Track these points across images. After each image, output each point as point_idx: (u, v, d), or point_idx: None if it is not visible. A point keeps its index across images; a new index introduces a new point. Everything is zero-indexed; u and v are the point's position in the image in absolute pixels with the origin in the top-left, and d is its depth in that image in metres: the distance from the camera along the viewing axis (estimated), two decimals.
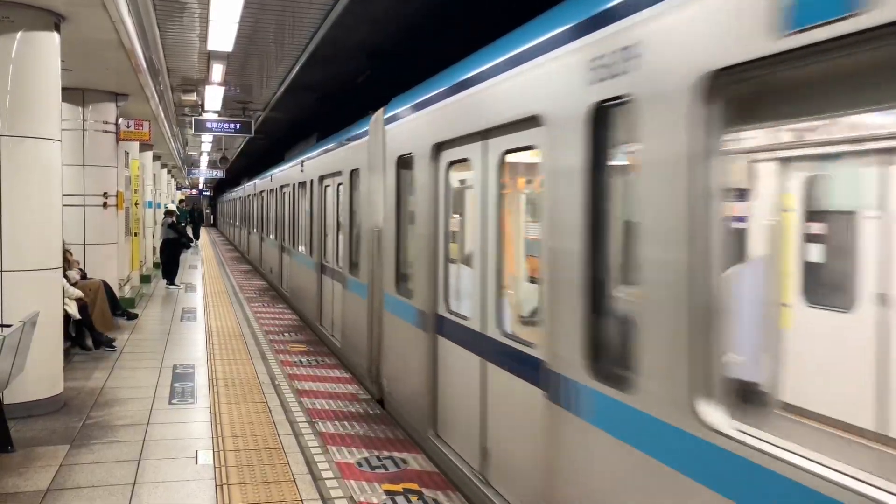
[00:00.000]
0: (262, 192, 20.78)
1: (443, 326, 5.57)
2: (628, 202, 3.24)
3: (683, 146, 2.64)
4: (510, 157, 4.51)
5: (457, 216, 5.64)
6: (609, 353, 3.31)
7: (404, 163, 6.42)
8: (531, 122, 3.91)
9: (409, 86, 6.65)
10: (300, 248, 13.24)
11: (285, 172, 15.58)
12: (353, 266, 8.50)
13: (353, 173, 8.57)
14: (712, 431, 2.51)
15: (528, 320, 4.55)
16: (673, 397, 2.71)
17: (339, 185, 9.49)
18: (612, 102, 3.15)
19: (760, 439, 2.37)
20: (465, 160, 5.10)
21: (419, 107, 6.01)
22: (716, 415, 2.55)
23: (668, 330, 2.75)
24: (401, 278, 6.59)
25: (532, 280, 4.56)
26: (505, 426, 4.49)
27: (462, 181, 5.55)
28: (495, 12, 6.28)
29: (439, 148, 5.51)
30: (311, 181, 11.69)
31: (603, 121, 3.25)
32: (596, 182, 3.30)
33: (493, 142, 4.59)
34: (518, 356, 4.26)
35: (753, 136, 3.83)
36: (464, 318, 5.15)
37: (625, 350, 3.12)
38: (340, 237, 9.54)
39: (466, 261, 5.32)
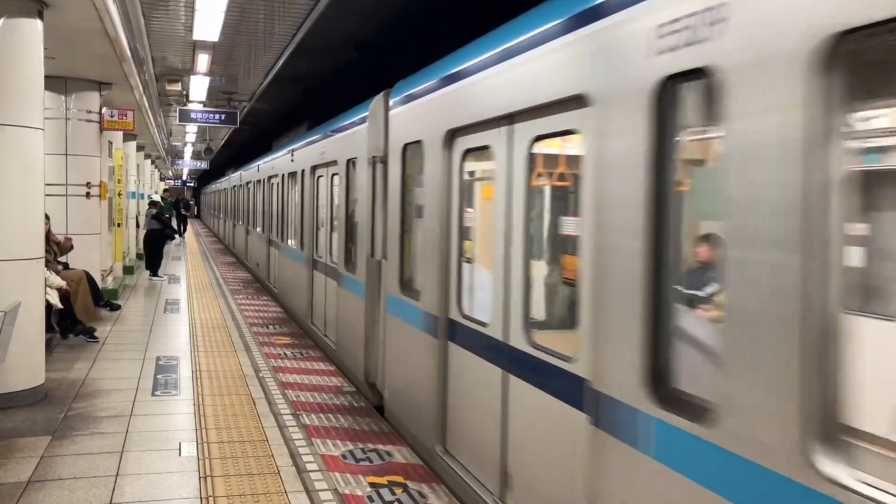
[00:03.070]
0: (247, 182, 20.01)
1: (455, 332, 5.05)
2: (706, 196, 2.86)
3: (796, 128, 2.13)
4: (541, 144, 4.03)
5: (472, 210, 5.14)
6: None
7: (411, 151, 5.94)
8: (573, 102, 3.42)
9: (398, 76, 6.61)
10: (290, 243, 12.60)
11: (273, 162, 14.81)
12: (350, 263, 8.07)
13: (350, 163, 8.03)
14: (830, 483, 2.01)
15: (559, 328, 4.26)
16: (775, 435, 2.20)
17: (334, 175, 9.01)
18: (686, 76, 2.66)
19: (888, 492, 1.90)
20: (484, 148, 4.63)
21: (431, 89, 5.49)
22: (833, 464, 2.04)
23: (767, 354, 2.24)
24: (405, 278, 6.10)
25: (567, 282, 4.06)
26: (532, 449, 3.95)
27: (478, 172, 5.15)
28: (484, 3, 6.27)
29: (453, 134, 5.04)
30: (303, 171, 11.04)
31: (672, 99, 2.76)
32: (662, 172, 2.79)
33: (521, 126, 4.09)
34: (550, 370, 3.73)
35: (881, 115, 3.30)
36: (482, 324, 4.59)
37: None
38: (335, 231, 9.05)
39: (485, 260, 4.77)
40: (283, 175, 13.31)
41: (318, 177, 10.16)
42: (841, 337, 2.08)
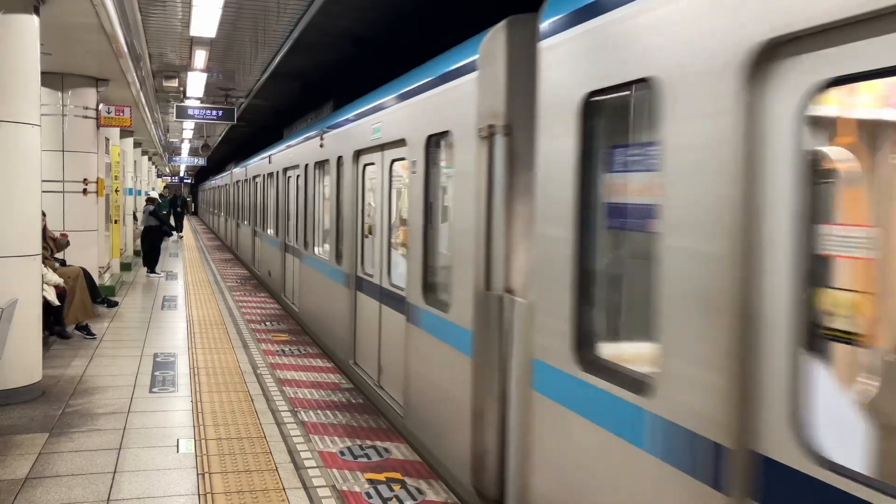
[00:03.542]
0: (255, 177, 17.68)
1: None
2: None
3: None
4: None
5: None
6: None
7: (601, 109, 3.42)
8: None
9: (397, 73, 6.56)
10: (319, 252, 10.16)
11: (289, 152, 12.56)
12: (432, 291, 5.53)
13: (433, 141, 5.48)
14: None
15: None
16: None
17: (396, 162, 6.55)
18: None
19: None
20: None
21: None
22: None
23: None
24: (589, 334, 3.49)
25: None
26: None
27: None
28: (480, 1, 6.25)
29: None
30: (339, 159, 8.51)
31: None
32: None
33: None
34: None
35: None
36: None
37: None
38: (401, 242, 6.67)
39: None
40: (305, 165, 10.88)
41: (366, 165, 7.64)
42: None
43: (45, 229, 8.50)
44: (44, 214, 7.99)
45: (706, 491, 2.54)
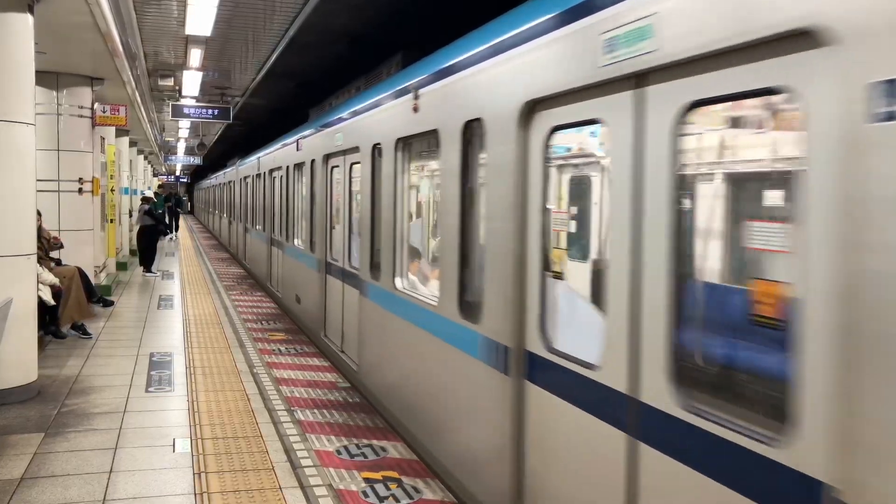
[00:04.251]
0: (260, 173, 15.78)
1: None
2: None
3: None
4: None
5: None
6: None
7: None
8: None
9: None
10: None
11: (302, 144, 10.69)
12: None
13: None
14: None
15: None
16: None
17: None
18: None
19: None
20: None
21: None
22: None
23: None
24: None
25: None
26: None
27: None
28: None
29: None
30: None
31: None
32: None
33: None
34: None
35: None
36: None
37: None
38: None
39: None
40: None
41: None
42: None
43: (40, 229, 8.47)
44: (39, 214, 7.97)
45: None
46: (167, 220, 25.36)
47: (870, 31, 2.04)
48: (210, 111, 16.53)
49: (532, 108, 3.89)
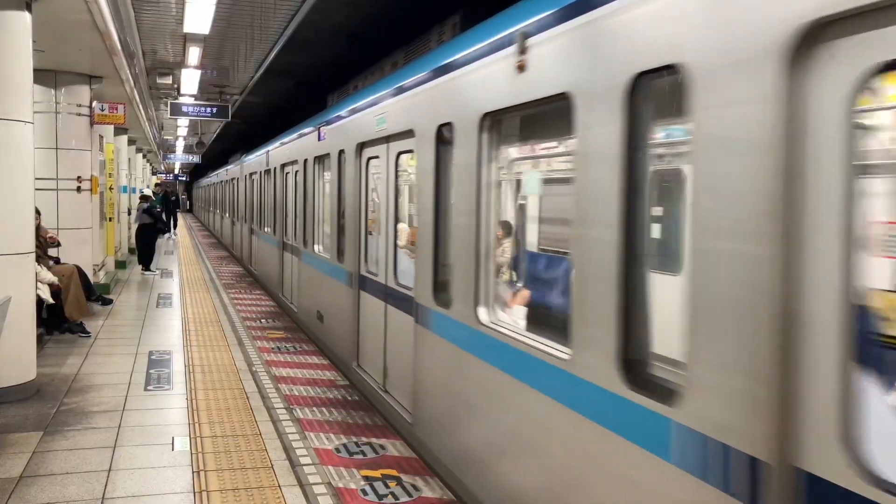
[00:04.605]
0: (269, 169, 13.97)
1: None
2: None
3: None
4: None
5: None
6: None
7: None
8: None
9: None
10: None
11: (325, 132, 9.00)
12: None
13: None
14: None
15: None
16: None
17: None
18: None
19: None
20: None
21: None
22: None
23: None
24: None
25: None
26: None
27: None
28: None
29: None
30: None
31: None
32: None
33: None
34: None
35: None
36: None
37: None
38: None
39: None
40: (351, 150, 7.62)
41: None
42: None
43: (38, 227, 8.47)
44: (38, 212, 7.96)
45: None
46: (165, 219, 25.31)
47: None
48: (208, 109, 16.50)
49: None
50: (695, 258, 2.55)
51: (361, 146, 7.33)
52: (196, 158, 38.42)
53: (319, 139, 9.30)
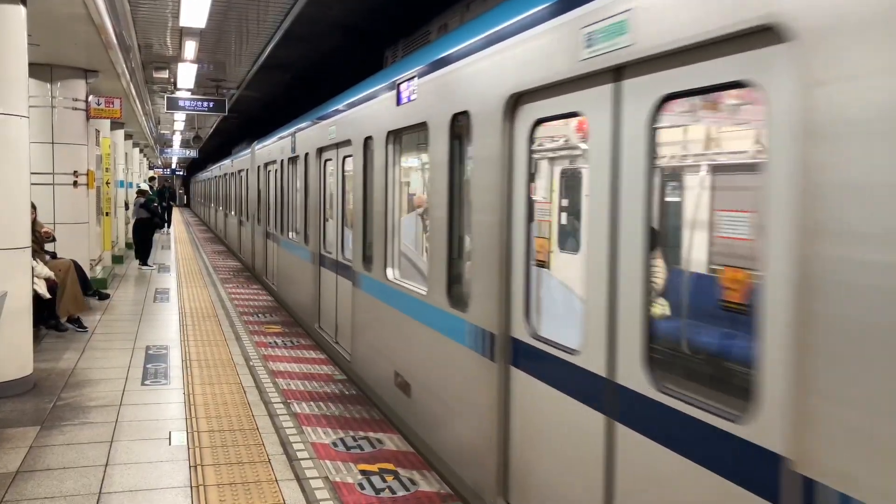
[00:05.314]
0: (296, 156, 10.69)
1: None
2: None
3: None
4: None
5: None
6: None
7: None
8: None
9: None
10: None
11: (417, 89, 5.47)
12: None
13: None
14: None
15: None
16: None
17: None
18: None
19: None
20: None
21: None
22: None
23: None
24: None
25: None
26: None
27: None
28: None
29: None
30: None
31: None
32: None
33: None
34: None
35: None
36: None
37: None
38: None
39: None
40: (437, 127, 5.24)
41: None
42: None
43: (34, 222, 8.44)
44: (34, 207, 7.94)
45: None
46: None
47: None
48: (205, 104, 16.47)
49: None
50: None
51: (518, 98, 3.95)
52: (193, 153, 38.39)
53: (399, 102, 5.82)
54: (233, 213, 21.07)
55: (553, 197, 4.73)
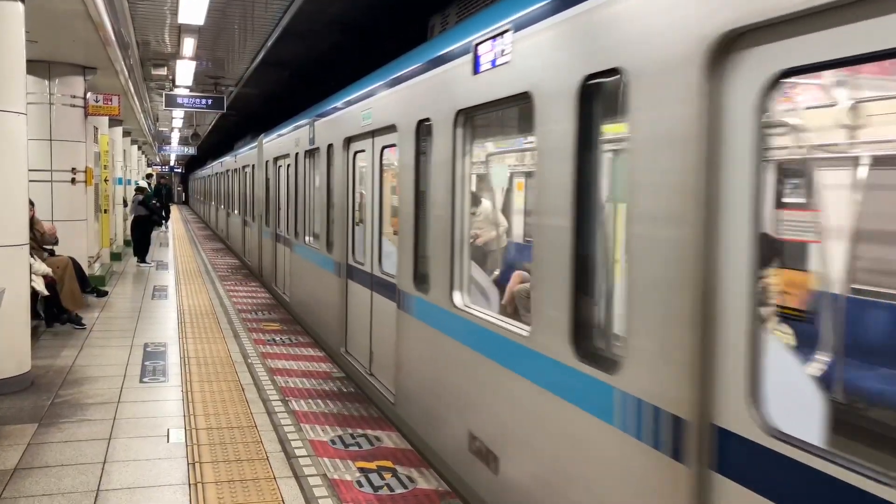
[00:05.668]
0: (315, 148, 9.27)
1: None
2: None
3: None
4: None
5: None
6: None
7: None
8: None
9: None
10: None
11: (514, 50, 3.89)
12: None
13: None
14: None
15: None
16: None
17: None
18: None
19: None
20: None
21: None
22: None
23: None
24: None
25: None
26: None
27: None
28: None
29: None
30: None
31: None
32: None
33: None
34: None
35: None
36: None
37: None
38: None
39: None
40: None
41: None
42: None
43: (33, 219, 8.44)
44: (32, 204, 7.93)
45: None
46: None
47: None
48: (204, 101, 16.45)
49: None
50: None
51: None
52: (192, 150, 38.36)
53: (478, 69, 4.35)
54: (236, 212, 19.42)
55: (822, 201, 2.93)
